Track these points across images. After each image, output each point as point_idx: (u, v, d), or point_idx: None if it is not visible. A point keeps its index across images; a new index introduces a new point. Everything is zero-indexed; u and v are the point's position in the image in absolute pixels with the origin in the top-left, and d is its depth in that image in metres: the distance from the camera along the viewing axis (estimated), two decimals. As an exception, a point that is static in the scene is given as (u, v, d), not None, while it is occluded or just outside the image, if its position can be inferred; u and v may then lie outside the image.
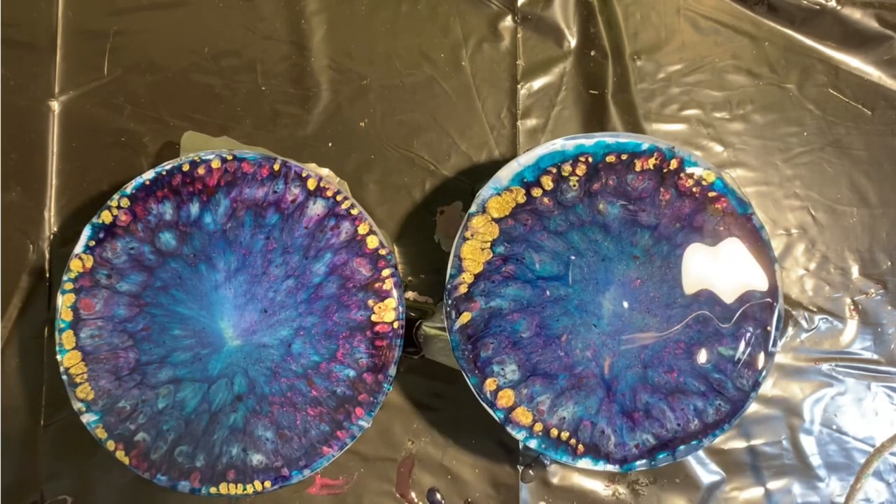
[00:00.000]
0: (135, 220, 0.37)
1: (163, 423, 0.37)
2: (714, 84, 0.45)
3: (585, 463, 0.37)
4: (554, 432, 0.37)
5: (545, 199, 0.37)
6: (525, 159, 0.37)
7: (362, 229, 0.37)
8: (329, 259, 0.38)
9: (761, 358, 0.38)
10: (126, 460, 0.37)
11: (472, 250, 0.37)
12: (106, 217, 0.37)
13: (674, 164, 0.37)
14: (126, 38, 0.43)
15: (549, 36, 0.45)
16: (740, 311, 0.38)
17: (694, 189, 0.38)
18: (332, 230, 0.38)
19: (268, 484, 0.37)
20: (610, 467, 0.37)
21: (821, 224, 0.44)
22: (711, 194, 0.38)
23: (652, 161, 0.37)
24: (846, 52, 0.45)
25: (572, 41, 0.45)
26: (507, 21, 0.44)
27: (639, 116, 0.44)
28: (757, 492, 0.43)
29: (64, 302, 0.37)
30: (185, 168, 0.37)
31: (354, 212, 0.38)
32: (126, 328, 0.37)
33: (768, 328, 0.38)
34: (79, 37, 0.43)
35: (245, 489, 0.37)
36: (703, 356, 0.38)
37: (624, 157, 0.37)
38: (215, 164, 0.37)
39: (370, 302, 0.37)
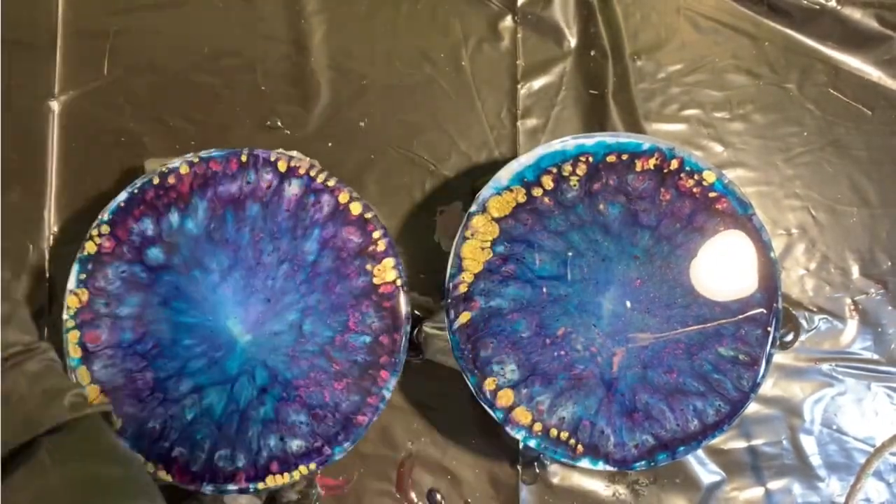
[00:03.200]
0: (119, 244, 0.37)
1: (195, 433, 0.37)
2: (714, 84, 0.45)
3: (585, 463, 0.37)
4: (553, 432, 0.37)
5: (546, 199, 0.37)
6: (526, 159, 0.37)
7: (343, 198, 0.37)
8: (318, 235, 0.38)
9: (761, 358, 0.38)
10: (169, 478, 0.36)
11: (473, 250, 0.37)
12: (90, 248, 0.37)
13: (674, 164, 0.37)
14: (126, 38, 0.43)
15: (549, 36, 0.44)
16: (740, 311, 0.38)
17: (694, 189, 0.38)
18: (314, 206, 0.38)
19: (312, 466, 0.37)
20: (609, 467, 0.37)
21: (821, 224, 0.44)
22: (712, 195, 0.38)
23: (652, 161, 0.37)
24: (846, 52, 0.45)
25: (572, 41, 0.45)
26: (507, 21, 0.44)
27: (639, 116, 0.44)
28: (757, 492, 0.43)
29: (69, 340, 0.36)
30: (156, 181, 0.37)
31: (331, 183, 0.38)
32: (136, 350, 0.37)
33: (768, 328, 0.38)
34: (79, 37, 0.43)
35: (292, 476, 0.37)
36: (702, 357, 0.38)
37: (624, 157, 0.37)
38: (183, 169, 0.37)
39: (368, 266, 0.37)
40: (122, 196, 0.37)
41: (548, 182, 0.37)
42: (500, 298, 0.37)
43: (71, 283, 0.37)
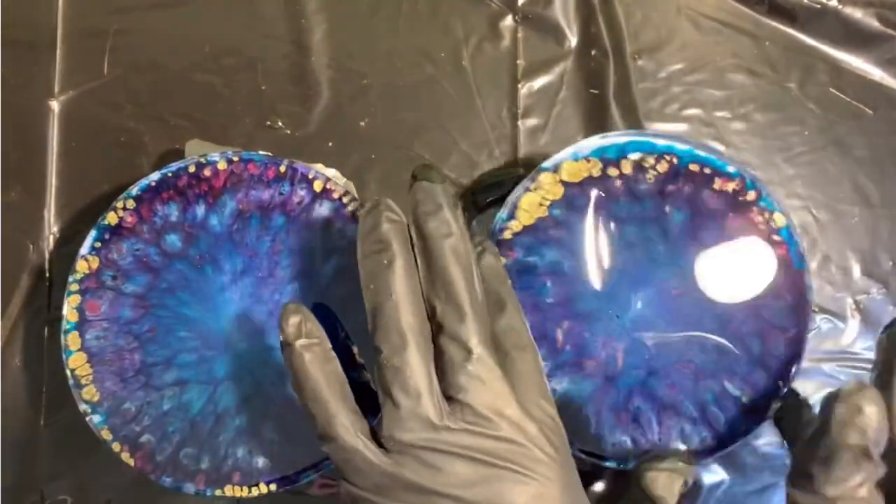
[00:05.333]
0: (140, 222, 0.37)
1: (168, 424, 0.37)
2: (715, 83, 0.45)
3: None
4: None
5: (618, 182, 0.37)
6: (614, 138, 0.37)
7: None
8: (335, 261, 0.37)
9: (763, 409, 0.37)
10: (131, 462, 0.36)
11: (531, 203, 0.37)
12: (111, 218, 0.37)
13: (751, 195, 0.37)
14: (126, 37, 0.43)
15: (549, 35, 0.44)
16: (760, 357, 0.37)
17: (761, 227, 0.37)
18: (339, 233, 0.37)
19: (273, 486, 0.37)
20: (580, 455, 0.37)
21: (822, 224, 0.44)
22: (775, 238, 0.37)
23: (732, 185, 0.37)
24: (848, 52, 0.45)
25: (573, 40, 0.45)
26: (508, 20, 0.44)
27: (639, 116, 0.44)
28: (759, 492, 0.43)
29: (69, 303, 0.36)
30: (191, 169, 0.37)
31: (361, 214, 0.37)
32: (131, 330, 0.37)
33: (779, 382, 0.37)
34: (79, 36, 0.43)
35: (250, 491, 0.37)
36: (707, 385, 0.37)
37: (707, 170, 0.37)
38: (221, 165, 0.37)
39: None
40: (155, 176, 0.37)
41: (626, 166, 0.37)
42: (537, 257, 0.37)
43: (84, 249, 0.36)
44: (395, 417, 0.28)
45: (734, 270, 0.37)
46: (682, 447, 0.37)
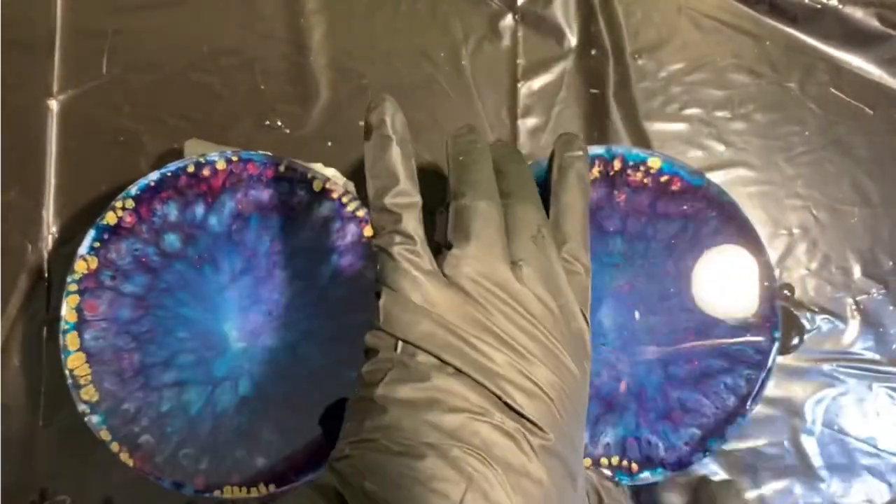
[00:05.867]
0: (139, 222, 0.37)
1: (167, 425, 0.37)
2: (715, 83, 0.45)
3: (646, 476, 0.37)
4: (604, 461, 0.37)
5: None
6: None
7: (367, 231, 0.37)
8: (334, 261, 0.37)
9: (769, 312, 0.37)
10: (130, 462, 0.36)
11: None
12: (110, 218, 0.37)
13: (616, 164, 0.37)
14: (125, 37, 0.43)
15: (549, 35, 0.44)
16: (737, 275, 0.37)
17: (644, 180, 0.37)
18: (338, 232, 0.37)
19: (272, 487, 0.37)
20: (670, 473, 0.37)
21: (822, 224, 0.44)
22: (663, 179, 0.37)
23: (596, 170, 0.37)
24: (848, 51, 0.45)
25: (573, 40, 0.44)
26: (508, 20, 0.44)
27: (639, 115, 0.44)
28: (758, 492, 0.43)
29: (68, 303, 0.36)
30: (190, 169, 0.37)
31: (360, 213, 0.37)
32: (130, 330, 0.37)
33: (766, 283, 0.37)
34: (77, 36, 0.43)
35: (249, 492, 0.37)
36: (716, 334, 0.37)
37: None
38: (220, 165, 0.37)
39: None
40: (154, 176, 0.37)
41: None
42: None
43: (83, 249, 0.36)
44: (465, 253, 0.28)
45: (656, 230, 0.37)
46: (735, 399, 0.37)
